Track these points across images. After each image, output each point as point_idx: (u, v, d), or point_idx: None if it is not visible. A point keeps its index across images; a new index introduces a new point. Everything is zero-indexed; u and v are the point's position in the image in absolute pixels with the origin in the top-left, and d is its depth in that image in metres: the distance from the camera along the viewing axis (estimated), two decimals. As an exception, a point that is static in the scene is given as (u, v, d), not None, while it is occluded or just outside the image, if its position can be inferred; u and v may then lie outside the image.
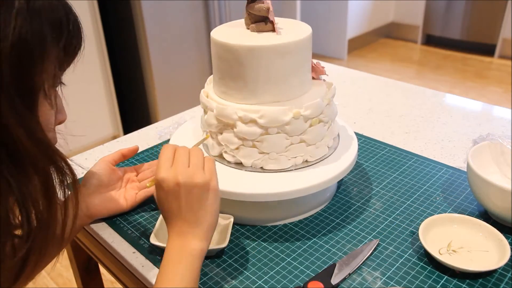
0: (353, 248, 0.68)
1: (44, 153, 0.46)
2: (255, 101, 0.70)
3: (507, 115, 1.09)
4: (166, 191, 0.57)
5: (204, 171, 0.58)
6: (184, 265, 0.56)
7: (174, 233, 0.58)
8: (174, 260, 0.56)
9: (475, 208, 0.76)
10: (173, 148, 0.61)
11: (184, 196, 0.56)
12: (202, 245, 0.57)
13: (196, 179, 0.57)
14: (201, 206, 0.57)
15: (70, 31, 0.48)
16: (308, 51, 0.71)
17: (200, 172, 0.58)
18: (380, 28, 4.30)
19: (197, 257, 0.57)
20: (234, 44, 0.67)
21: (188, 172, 0.57)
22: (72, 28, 0.48)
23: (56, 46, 0.46)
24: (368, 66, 3.78)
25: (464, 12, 3.85)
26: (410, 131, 1.03)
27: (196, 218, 0.57)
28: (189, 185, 0.56)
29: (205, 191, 0.57)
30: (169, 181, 0.57)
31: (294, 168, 0.72)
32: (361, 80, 1.34)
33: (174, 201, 0.57)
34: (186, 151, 0.60)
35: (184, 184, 0.56)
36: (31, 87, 0.44)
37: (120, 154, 0.77)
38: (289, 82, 0.70)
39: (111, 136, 2.44)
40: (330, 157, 0.75)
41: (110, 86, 2.37)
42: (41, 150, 0.45)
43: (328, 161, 0.74)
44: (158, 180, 0.57)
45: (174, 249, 0.57)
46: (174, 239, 0.58)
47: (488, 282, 0.62)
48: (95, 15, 2.20)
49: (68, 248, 0.93)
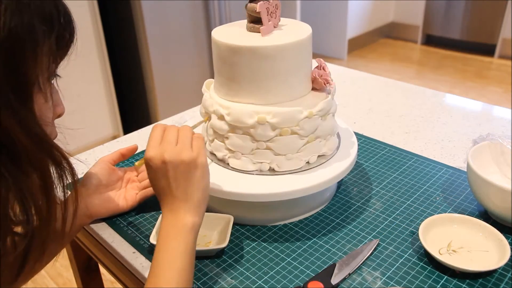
0: (353, 248, 0.68)
1: (40, 147, 0.46)
2: (256, 102, 0.69)
3: (507, 115, 1.09)
4: (154, 169, 0.58)
5: (191, 149, 0.59)
6: (178, 240, 0.57)
7: (166, 210, 0.59)
8: (169, 236, 0.57)
9: (475, 208, 0.76)
10: (162, 127, 0.62)
11: (171, 173, 0.58)
12: (194, 219, 0.58)
13: (182, 156, 0.58)
14: (189, 183, 0.58)
15: (62, 24, 0.47)
16: (308, 51, 0.71)
17: (187, 149, 0.58)
18: (380, 28, 4.30)
19: (190, 231, 0.58)
20: (232, 44, 0.67)
21: (174, 149, 0.58)
22: (63, 20, 0.48)
23: (48, 39, 0.46)
24: (368, 66, 3.78)
25: (464, 12, 3.85)
26: (410, 131, 1.03)
27: (186, 194, 0.58)
28: (176, 162, 0.57)
29: (192, 167, 0.58)
30: (156, 159, 0.58)
31: (305, 169, 0.72)
32: (361, 80, 1.34)
33: (163, 178, 0.58)
34: (175, 129, 0.61)
35: (170, 161, 0.57)
36: (24, 82, 0.44)
37: (119, 154, 0.77)
38: (289, 82, 0.69)
39: (111, 136, 2.44)
40: (330, 157, 0.75)
41: (110, 86, 2.37)
42: (38, 144, 0.45)
43: (328, 162, 0.74)
44: (147, 159, 0.59)
45: (167, 226, 0.58)
46: (166, 216, 0.59)
47: (488, 282, 0.62)
48: (95, 15, 2.20)
49: (68, 248, 0.93)
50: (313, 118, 0.69)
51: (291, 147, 0.69)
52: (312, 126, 0.69)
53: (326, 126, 0.72)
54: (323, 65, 0.74)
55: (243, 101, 0.70)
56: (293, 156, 0.70)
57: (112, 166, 0.75)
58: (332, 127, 0.74)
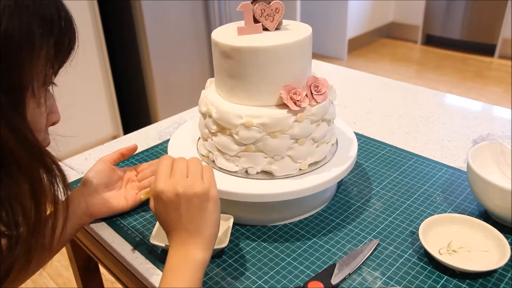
0: (353, 248, 0.68)
1: (31, 153, 0.44)
2: (257, 103, 0.69)
3: (507, 115, 1.09)
4: (165, 202, 0.56)
5: (203, 181, 0.57)
6: (187, 275, 0.55)
7: (176, 243, 0.57)
8: (177, 270, 0.55)
9: (475, 208, 0.76)
10: (170, 159, 0.60)
11: (184, 206, 0.56)
12: (204, 255, 0.56)
13: (195, 189, 0.56)
14: (201, 216, 0.56)
15: (62, 28, 0.46)
16: (308, 52, 0.71)
17: (199, 182, 0.57)
18: (380, 28, 4.30)
19: (199, 267, 0.56)
20: (231, 45, 0.67)
21: (187, 182, 0.56)
22: (63, 25, 0.46)
23: (46, 44, 0.44)
24: (368, 66, 3.78)
25: (464, 12, 3.85)
26: (410, 131, 1.03)
27: (197, 227, 0.56)
28: (189, 195, 0.56)
29: (204, 200, 0.56)
30: (168, 192, 0.56)
31: (297, 173, 0.71)
32: (361, 80, 1.34)
33: (174, 212, 0.56)
34: (184, 161, 0.59)
35: (184, 194, 0.55)
36: (17, 85, 0.43)
37: (119, 153, 0.77)
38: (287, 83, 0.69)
39: (111, 136, 2.44)
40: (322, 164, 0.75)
41: (110, 86, 2.37)
42: (28, 150, 0.44)
43: (328, 162, 0.74)
44: (157, 192, 0.56)
45: (176, 259, 0.56)
46: (176, 249, 0.57)
47: (488, 282, 0.62)
48: (95, 15, 2.20)
49: (68, 248, 0.93)
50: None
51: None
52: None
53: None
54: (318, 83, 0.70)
55: (240, 102, 0.70)
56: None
57: (112, 166, 0.75)
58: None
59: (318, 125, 0.70)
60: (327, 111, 0.71)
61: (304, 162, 0.71)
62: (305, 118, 0.68)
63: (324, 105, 0.70)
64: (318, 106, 0.69)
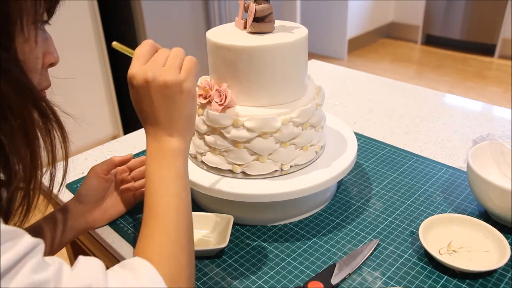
0: (353, 248, 0.68)
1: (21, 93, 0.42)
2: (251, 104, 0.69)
3: (507, 115, 1.09)
4: (136, 88, 0.54)
5: (179, 71, 0.54)
6: (167, 166, 0.53)
7: (150, 137, 0.56)
8: (156, 164, 0.54)
9: (475, 208, 0.76)
10: (153, 45, 0.56)
11: (154, 94, 0.53)
12: (179, 144, 0.55)
13: (167, 77, 0.53)
14: (173, 107, 0.54)
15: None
16: (303, 53, 0.70)
17: (173, 71, 0.54)
18: (380, 28, 4.30)
19: (177, 156, 0.54)
20: (227, 44, 0.67)
21: (159, 69, 0.53)
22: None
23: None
24: (368, 66, 3.78)
25: (464, 12, 3.85)
26: (410, 131, 1.03)
27: (169, 118, 0.54)
28: (158, 83, 0.53)
29: (177, 91, 0.54)
30: (138, 76, 0.53)
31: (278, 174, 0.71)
32: (361, 80, 1.34)
33: (145, 99, 0.54)
34: (166, 51, 0.56)
35: (153, 81, 0.53)
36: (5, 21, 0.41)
37: (113, 164, 0.74)
38: (281, 85, 0.69)
39: (111, 136, 2.44)
40: (330, 157, 0.75)
41: (110, 86, 2.37)
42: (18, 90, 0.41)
43: (328, 162, 0.74)
44: (129, 76, 0.54)
45: (152, 153, 0.55)
46: (151, 144, 0.55)
47: (488, 282, 0.62)
48: (95, 15, 2.20)
49: (68, 248, 0.93)
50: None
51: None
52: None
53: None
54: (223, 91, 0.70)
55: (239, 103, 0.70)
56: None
57: (105, 177, 0.72)
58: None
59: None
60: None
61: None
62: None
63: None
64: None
